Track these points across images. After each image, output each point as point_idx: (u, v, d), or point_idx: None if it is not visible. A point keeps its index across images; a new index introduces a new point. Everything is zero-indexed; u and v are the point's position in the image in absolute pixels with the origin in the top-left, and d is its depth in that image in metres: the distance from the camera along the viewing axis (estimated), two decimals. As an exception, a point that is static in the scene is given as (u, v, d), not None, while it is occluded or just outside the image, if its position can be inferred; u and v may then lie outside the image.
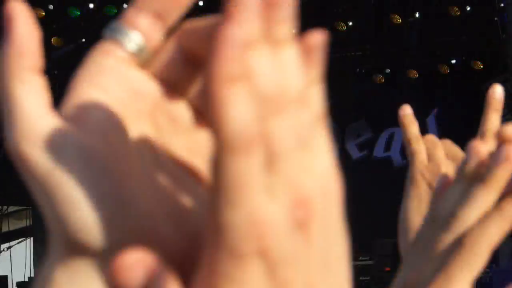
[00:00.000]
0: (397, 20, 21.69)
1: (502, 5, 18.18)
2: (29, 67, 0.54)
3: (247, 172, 0.50)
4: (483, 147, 1.27)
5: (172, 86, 0.65)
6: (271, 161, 0.51)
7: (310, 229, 0.52)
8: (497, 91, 1.64)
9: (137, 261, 0.51)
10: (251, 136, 0.50)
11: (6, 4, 0.54)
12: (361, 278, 19.87)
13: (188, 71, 0.61)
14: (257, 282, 0.50)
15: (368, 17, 21.90)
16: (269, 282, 0.51)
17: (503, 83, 20.70)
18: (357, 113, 22.91)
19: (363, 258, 20.21)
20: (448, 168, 1.58)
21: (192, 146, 0.64)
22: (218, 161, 0.50)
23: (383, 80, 22.96)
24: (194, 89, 0.63)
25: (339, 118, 22.48)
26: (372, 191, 21.32)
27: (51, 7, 21.95)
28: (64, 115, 0.55)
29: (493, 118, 1.60)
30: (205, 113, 0.63)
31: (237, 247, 0.49)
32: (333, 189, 0.57)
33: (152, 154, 0.64)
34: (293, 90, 0.52)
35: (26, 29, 0.54)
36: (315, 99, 0.55)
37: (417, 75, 22.37)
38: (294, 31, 0.54)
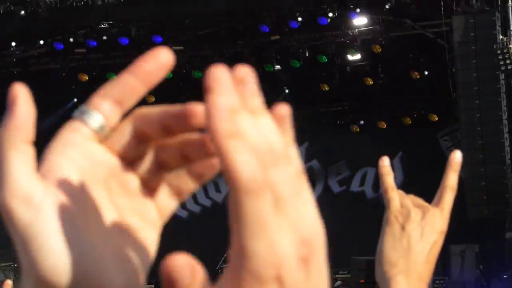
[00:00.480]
0: (369, 82, 22.20)
1: (453, 70, 18.34)
2: (23, 139, 0.57)
3: (263, 210, 0.52)
4: None
5: (125, 158, 0.67)
6: (277, 204, 0.53)
7: (311, 264, 0.54)
8: (457, 156, 1.72)
9: (185, 262, 0.54)
10: (259, 181, 0.52)
11: (11, 85, 0.58)
12: None
13: (138, 147, 0.64)
14: None
15: (346, 80, 22.01)
16: None
17: (453, 132, 20.43)
18: (338, 156, 22.88)
19: (342, 272, 20.18)
20: (417, 213, 1.67)
21: (135, 207, 0.67)
22: (237, 201, 0.52)
23: (358, 130, 23.23)
24: (143, 162, 0.66)
25: (323, 160, 22.92)
26: (350, 218, 21.41)
27: (94, 73, 22.14)
28: (41, 178, 0.57)
29: (452, 177, 1.69)
30: (150, 182, 0.67)
31: (260, 272, 0.52)
32: (321, 233, 0.57)
33: (103, 212, 0.66)
34: (278, 148, 0.54)
35: (25, 109, 0.57)
36: (294, 157, 0.57)
37: (385, 126, 22.63)
38: (262, 102, 0.56)
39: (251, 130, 0.54)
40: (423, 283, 1.69)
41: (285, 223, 0.53)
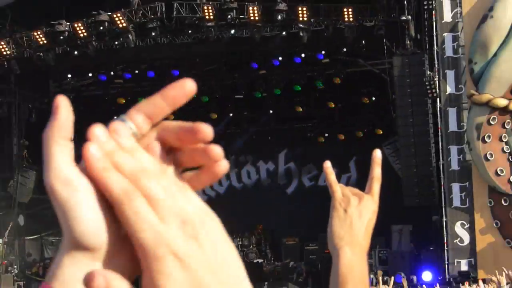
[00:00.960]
0: (331, 105, 22.30)
1: (393, 97, 18.31)
2: (63, 137, 0.58)
3: (140, 208, 0.56)
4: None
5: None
6: (152, 202, 0.56)
7: (200, 237, 0.57)
8: (378, 154, 1.72)
9: (99, 273, 0.55)
10: (129, 190, 0.56)
11: (56, 96, 0.60)
12: (310, 256, 19.66)
13: (162, 152, 0.63)
14: (175, 271, 0.55)
15: (314, 103, 22.38)
16: (183, 270, 0.55)
17: (394, 142, 19.97)
18: (308, 160, 22.61)
19: (312, 244, 19.92)
20: (355, 200, 1.68)
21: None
22: (120, 209, 0.56)
23: (323, 140, 23.17)
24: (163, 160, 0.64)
25: (298, 163, 23.22)
26: (317, 205, 20.78)
27: (129, 98, 21.85)
28: (79, 168, 0.58)
29: (376, 169, 1.69)
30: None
31: (155, 252, 0.55)
32: (208, 214, 0.60)
33: None
34: (150, 168, 0.58)
35: (65, 113, 0.58)
36: (169, 173, 0.61)
37: (343, 138, 22.61)
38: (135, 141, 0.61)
39: (126, 161, 0.58)
40: (363, 251, 1.73)
41: (165, 213, 0.56)
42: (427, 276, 16.95)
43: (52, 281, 0.60)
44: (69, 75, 21.20)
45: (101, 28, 18.31)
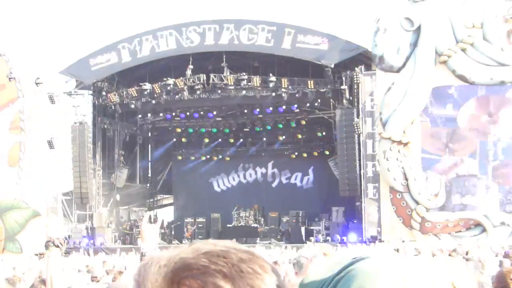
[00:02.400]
0: (299, 136, 20.40)
1: (335, 133, 17.47)
2: None
3: None
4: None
5: None
6: None
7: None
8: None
9: None
10: None
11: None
12: (284, 223, 18.44)
13: None
14: None
15: (289, 135, 20.68)
16: None
17: (335, 159, 19.21)
18: (285, 167, 20.93)
19: (285, 216, 18.54)
20: None
21: None
22: None
23: (294, 157, 20.59)
24: None
25: (279, 169, 20.94)
26: (289, 194, 19.92)
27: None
28: None
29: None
30: None
31: None
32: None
33: None
34: None
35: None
36: None
37: (306, 155, 20.53)
38: None
39: None
40: None
41: None
42: (352, 237, 16.50)
43: None
44: (149, 114, 20.32)
45: (168, 88, 17.69)
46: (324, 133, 19.81)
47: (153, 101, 18.29)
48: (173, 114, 20.08)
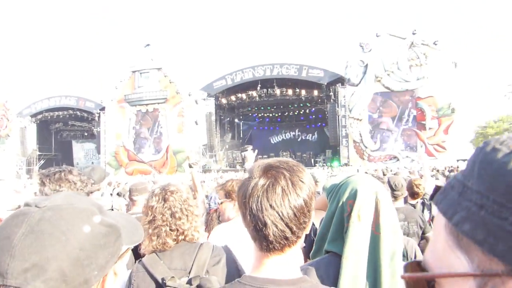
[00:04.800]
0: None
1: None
2: None
3: None
4: None
5: None
6: None
7: None
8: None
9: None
10: None
11: None
12: None
13: None
14: None
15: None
16: None
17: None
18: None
19: None
20: None
21: None
22: None
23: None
24: None
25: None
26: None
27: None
28: None
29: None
30: None
31: None
32: None
33: None
34: None
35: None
36: None
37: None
38: None
39: None
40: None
41: None
42: (335, 164, 19.14)
43: None
44: (240, 108, 25.11)
45: (250, 95, 22.17)
46: (320, 116, 24.92)
47: (244, 102, 23.57)
48: (254, 108, 26.07)
